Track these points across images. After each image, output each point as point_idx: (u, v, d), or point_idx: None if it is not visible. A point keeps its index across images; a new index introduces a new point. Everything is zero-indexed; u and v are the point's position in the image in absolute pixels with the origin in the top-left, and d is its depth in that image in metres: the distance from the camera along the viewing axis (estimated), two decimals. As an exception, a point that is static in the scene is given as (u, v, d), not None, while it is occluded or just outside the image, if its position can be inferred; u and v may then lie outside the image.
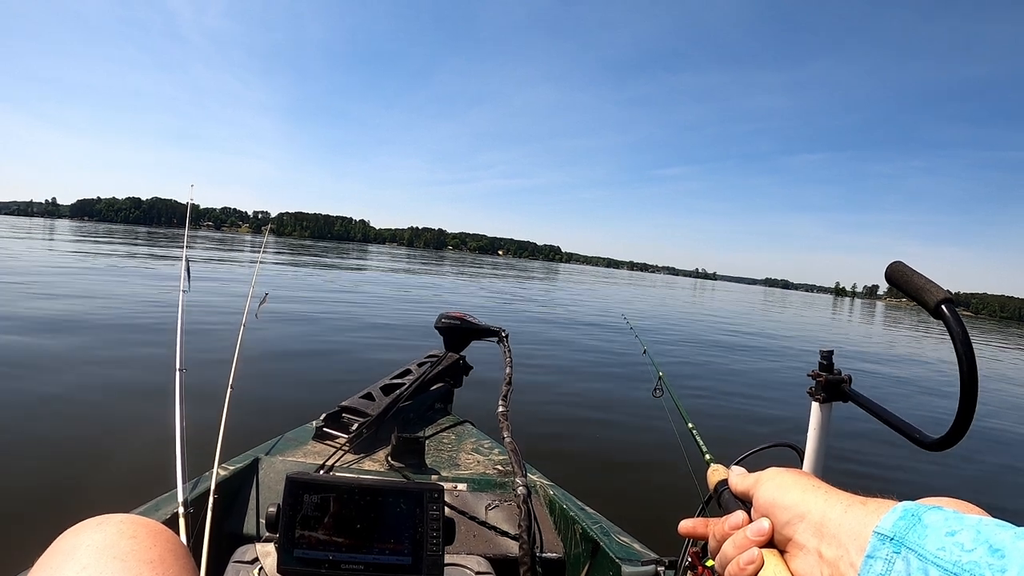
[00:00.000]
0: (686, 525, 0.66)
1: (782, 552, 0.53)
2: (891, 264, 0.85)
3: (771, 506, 0.55)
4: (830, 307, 66.74)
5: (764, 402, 7.59)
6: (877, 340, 22.42)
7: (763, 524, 0.55)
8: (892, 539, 0.44)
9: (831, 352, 1.40)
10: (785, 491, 0.54)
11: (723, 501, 0.64)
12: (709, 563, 0.67)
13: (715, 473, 0.69)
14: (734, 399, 7.56)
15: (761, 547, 0.54)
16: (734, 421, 6.39)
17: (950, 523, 0.43)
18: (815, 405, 1.40)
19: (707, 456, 1.48)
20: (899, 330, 30.75)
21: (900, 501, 0.48)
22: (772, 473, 0.59)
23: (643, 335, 3.20)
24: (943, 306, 0.76)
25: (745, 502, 0.61)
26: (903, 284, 0.83)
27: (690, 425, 1.80)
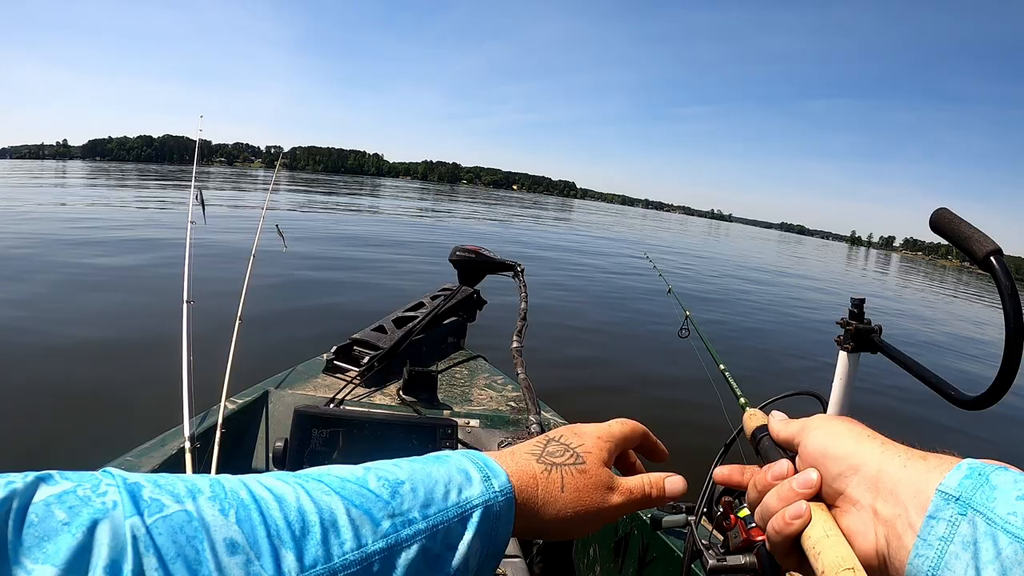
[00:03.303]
0: (722, 472, 0.60)
1: (830, 507, 0.48)
2: (937, 211, 0.79)
3: (821, 456, 0.49)
4: (845, 256, 65.97)
5: (784, 350, 7.55)
6: (893, 292, 22.22)
7: (811, 475, 0.49)
8: (958, 499, 0.40)
9: (862, 300, 1.35)
10: (837, 440, 0.49)
11: (762, 448, 0.58)
12: (742, 513, 0.62)
13: (752, 418, 0.63)
14: (758, 344, 7.50)
15: (808, 500, 0.49)
16: (756, 367, 6.34)
17: (1020, 486, 0.39)
18: (842, 354, 1.36)
19: (742, 399, 1.41)
20: (914, 284, 30.42)
21: (963, 459, 0.43)
22: (821, 420, 0.53)
23: (667, 276, 3.11)
24: (992, 258, 0.72)
25: (787, 451, 0.55)
26: (949, 232, 0.78)
27: (722, 367, 1.71)
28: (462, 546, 0.44)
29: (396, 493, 0.44)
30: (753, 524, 0.60)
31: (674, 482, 0.58)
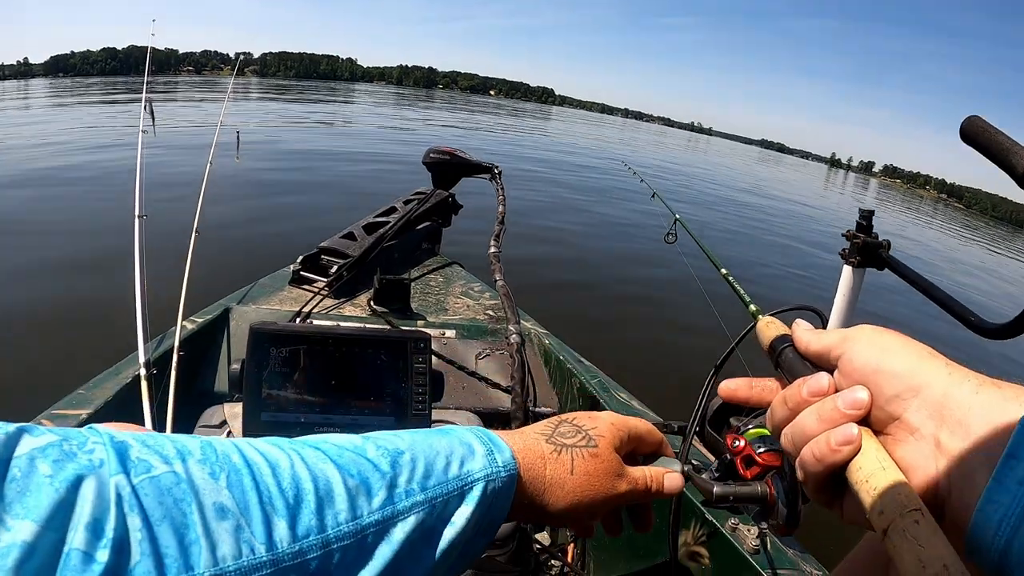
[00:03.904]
0: (727, 386, 0.53)
1: (877, 434, 0.41)
2: (969, 118, 0.69)
3: (873, 372, 0.42)
4: (824, 176, 65.31)
5: (770, 265, 7.48)
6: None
7: (860, 394, 0.41)
8: None
9: (871, 212, 1.27)
10: (892, 355, 0.42)
11: (784, 361, 0.51)
12: (751, 434, 0.56)
13: (770, 326, 0.55)
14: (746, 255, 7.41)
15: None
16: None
17: None
18: (847, 269, 1.30)
19: (752, 307, 1.32)
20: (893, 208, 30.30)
21: None
22: (868, 331, 0.45)
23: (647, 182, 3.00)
24: (1033, 173, 0.65)
25: (816, 366, 0.47)
26: (985, 142, 0.68)
27: (723, 271, 1.61)
28: (458, 519, 0.44)
29: (396, 463, 0.43)
30: (763, 448, 0.53)
31: (672, 479, 0.57)
